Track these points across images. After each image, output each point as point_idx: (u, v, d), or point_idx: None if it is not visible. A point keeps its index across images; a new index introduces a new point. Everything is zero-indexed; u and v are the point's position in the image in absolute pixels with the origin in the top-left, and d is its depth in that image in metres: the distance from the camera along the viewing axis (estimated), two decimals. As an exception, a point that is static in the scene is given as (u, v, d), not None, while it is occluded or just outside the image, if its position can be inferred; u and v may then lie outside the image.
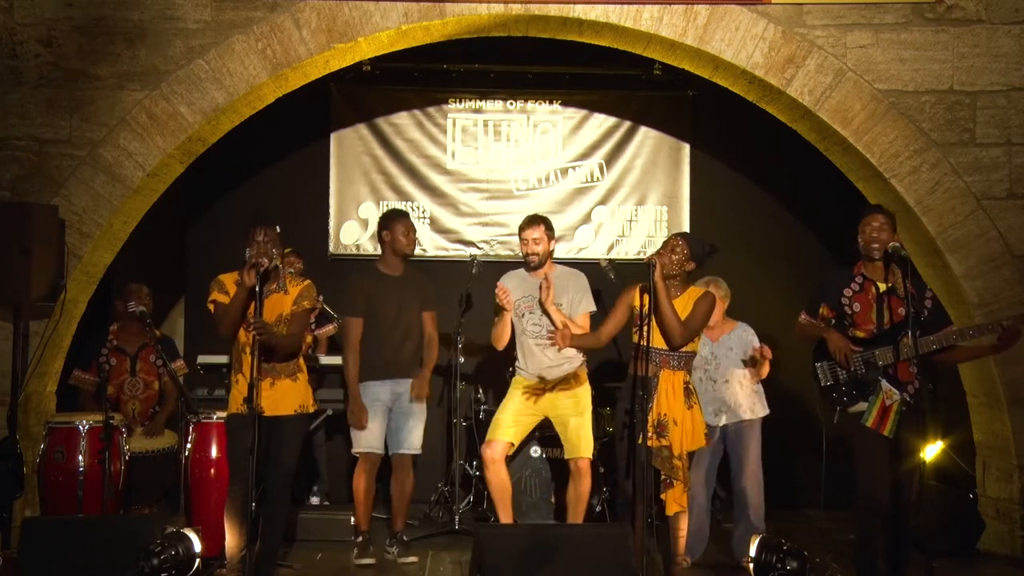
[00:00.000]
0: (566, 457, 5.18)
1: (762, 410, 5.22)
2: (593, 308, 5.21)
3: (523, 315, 5.17)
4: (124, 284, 5.53)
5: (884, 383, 4.16)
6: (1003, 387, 5.40)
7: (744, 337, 5.23)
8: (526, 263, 5.22)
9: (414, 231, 5.34)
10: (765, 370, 5.17)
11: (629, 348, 4.53)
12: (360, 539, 5.21)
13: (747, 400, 5.18)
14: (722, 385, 5.18)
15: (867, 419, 4.17)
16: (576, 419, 5.13)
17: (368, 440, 5.12)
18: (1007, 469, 5.48)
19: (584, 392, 5.20)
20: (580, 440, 5.11)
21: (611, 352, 6.30)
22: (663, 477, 4.39)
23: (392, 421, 5.21)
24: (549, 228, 5.24)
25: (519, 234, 5.25)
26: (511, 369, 5.36)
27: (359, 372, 5.14)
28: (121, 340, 5.52)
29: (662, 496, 4.39)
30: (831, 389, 4.29)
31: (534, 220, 5.23)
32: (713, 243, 4.62)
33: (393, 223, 5.28)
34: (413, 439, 5.24)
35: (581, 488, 5.12)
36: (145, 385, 5.50)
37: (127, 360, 5.48)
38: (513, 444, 5.21)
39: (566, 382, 5.16)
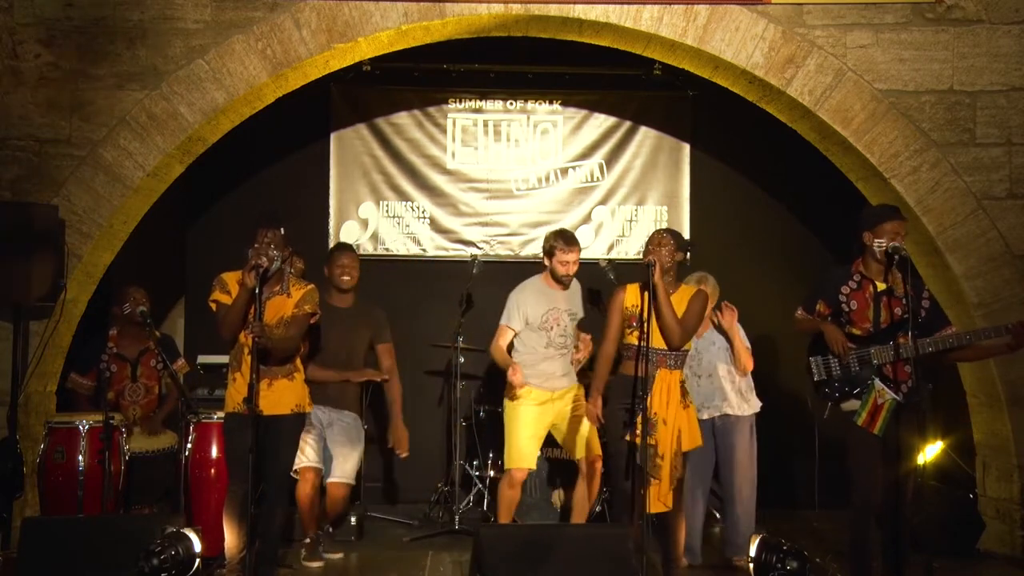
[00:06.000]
0: (578, 456, 5.19)
1: (749, 407, 5.20)
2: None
3: (551, 328, 5.19)
4: (121, 287, 5.47)
5: (877, 382, 4.18)
6: (1003, 387, 5.40)
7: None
8: (557, 280, 5.21)
9: (351, 267, 5.25)
10: (745, 357, 5.13)
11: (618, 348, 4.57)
12: (308, 540, 5.10)
13: (733, 395, 5.17)
14: (705, 380, 5.19)
15: (858, 418, 4.19)
16: (585, 418, 5.15)
17: (308, 455, 5.05)
18: (1007, 469, 5.48)
19: (583, 394, 5.23)
20: (593, 439, 5.12)
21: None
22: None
23: (326, 450, 5.19)
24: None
25: (555, 254, 5.16)
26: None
27: None
28: (121, 346, 5.44)
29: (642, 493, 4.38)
30: (824, 384, 4.33)
31: (573, 242, 5.20)
32: (690, 239, 4.63)
33: (330, 259, 5.33)
34: (347, 467, 5.20)
35: (594, 488, 5.17)
36: (146, 390, 5.44)
37: (128, 366, 5.42)
38: (534, 467, 5.30)
39: (568, 388, 5.24)
